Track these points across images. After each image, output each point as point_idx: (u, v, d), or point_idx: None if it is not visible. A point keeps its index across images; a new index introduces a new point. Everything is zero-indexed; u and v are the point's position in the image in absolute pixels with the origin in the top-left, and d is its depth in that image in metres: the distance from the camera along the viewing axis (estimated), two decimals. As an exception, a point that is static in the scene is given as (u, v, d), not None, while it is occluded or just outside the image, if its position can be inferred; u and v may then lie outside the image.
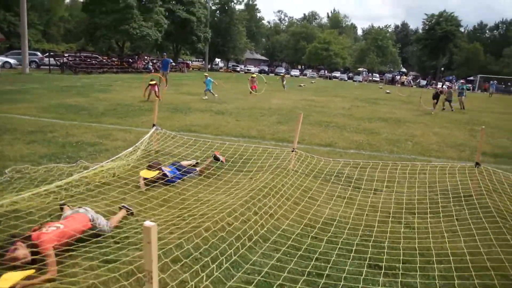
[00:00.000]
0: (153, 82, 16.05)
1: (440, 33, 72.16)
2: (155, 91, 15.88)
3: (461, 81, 30.17)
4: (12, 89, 18.05)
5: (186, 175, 5.99)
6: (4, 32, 34.93)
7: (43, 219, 4.23)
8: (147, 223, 1.94)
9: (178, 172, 5.90)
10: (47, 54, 39.66)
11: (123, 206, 4.59)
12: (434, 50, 74.91)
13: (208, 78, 18.76)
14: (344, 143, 9.67)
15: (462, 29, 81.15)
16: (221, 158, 6.96)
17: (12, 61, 37.04)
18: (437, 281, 3.53)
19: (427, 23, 77.83)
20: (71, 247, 3.60)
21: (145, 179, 5.57)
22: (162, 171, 5.74)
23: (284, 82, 29.37)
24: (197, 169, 6.26)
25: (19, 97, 14.93)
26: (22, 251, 3.25)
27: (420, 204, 5.45)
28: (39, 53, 44.40)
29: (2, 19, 45.49)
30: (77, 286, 3.09)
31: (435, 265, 3.78)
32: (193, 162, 6.76)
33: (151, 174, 5.58)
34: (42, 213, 4.38)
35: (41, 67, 40.01)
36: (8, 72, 30.33)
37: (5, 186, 5.19)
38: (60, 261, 3.38)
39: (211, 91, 18.50)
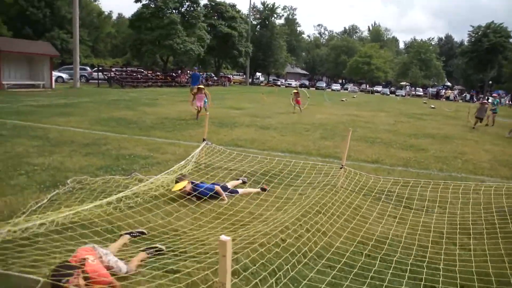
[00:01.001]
0: (201, 86, 15.37)
1: (488, 45, 69.66)
2: (200, 106, 15.00)
3: (494, 94, 27.79)
4: (66, 102, 19.01)
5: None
6: (57, 49, 36.89)
7: (105, 230, 4.45)
8: (223, 237, 2.04)
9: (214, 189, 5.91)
10: (96, 68, 41.55)
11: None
12: (481, 63, 72.37)
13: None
14: (391, 160, 9.55)
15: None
16: (267, 188, 6.55)
17: (64, 75, 39.09)
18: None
19: (473, 35, 75.51)
20: None
21: (180, 190, 5.71)
22: (192, 182, 5.84)
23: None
24: (240, 191, 6.22)
25: (72, 110, 15.70)
26: (82, 282, 3.08)
27: (475, 225, 5.31)
28: (88, 68, 46.61)
29: (56, 36, 48.15)
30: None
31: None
32: (240, 181, 6.72)
33: (181, 185, 5.69)
34: (105, 225, 4.59)
35: (90, 81, 41.90)
36: (61, 86, 31.95)
37: (68, 196, 5.51)
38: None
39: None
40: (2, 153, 7.85)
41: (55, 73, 35.68)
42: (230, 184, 6.42)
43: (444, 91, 68.72)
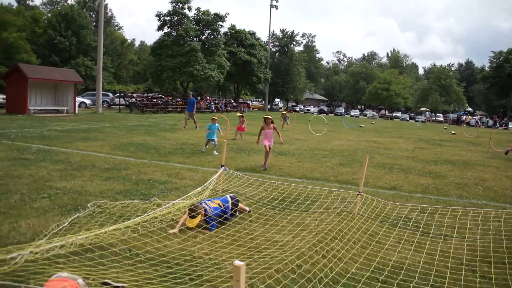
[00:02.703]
0: (269, 116, 11.99)
1: (510, 71, 68.84)
2: (269, 146, 11.36)
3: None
4: (89, 127, 19.50)
5: (232, 216, 6.00)
6: (81, 75, 38.14)
7: (124, 253, 4.54)
8: (237, 262, 2.09)
9: (228, 211, 5.93)
10: (118, 94, 42.54)
11: (105, 282, 3.82)
12: (503, 89, 71.38)
13: (216, 124, 13.63)
14: (409, 186, 9.46)
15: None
16: (247, 209, 6.53)
17: (87, 101, 40.17)
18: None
19: (494, 60, 74.90)
20: None
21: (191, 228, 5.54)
22: (205, 212, 5.67)
23: (288, 121, 27.71)
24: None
25: (94, 135, 16.09)
26: None
27: (496, 253, 5.20)
28: (110, 94, 47.88)
29: (81, 64, 49.86)
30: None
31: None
32: (247, 209, 6.55)
33: (195, 222, 5.53)
34: (122, 246, 4.69)
35: (112, 106, 42.94)
36: (84, 112, 32.81)
37: (88, 220, 5.63)
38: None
39: (215, 142, 13.45)
40: (27, 176, 8.10)
41: (78, 99, 36.74)
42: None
43: (465, 116, 67.79)
